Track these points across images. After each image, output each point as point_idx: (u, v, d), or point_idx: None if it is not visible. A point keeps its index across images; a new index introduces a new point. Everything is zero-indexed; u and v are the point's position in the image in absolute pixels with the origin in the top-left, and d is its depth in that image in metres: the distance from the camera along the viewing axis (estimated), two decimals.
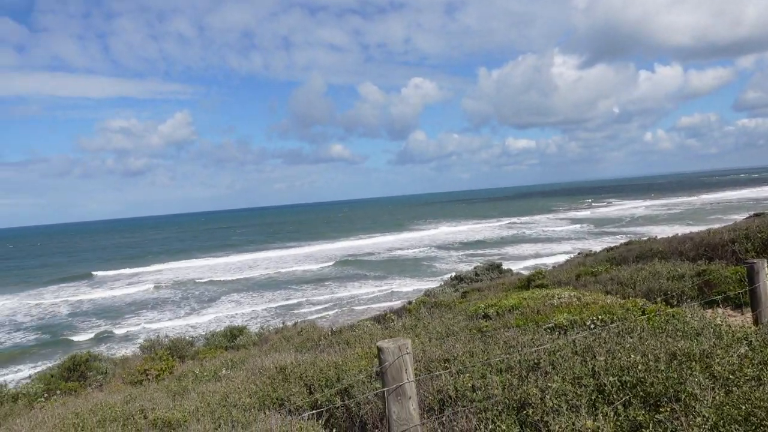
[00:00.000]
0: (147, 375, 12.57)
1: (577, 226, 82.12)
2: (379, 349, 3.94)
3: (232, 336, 16.57)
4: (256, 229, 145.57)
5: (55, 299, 51.03)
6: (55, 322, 40.90)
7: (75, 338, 34.46)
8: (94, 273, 67.70)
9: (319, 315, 27.89)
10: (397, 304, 24.45)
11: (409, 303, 13.66)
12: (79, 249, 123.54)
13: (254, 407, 6.07)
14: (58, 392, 12.76)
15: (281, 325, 17.38)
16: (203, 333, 18.95)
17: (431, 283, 34.29)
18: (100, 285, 58.93)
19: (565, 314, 7.45)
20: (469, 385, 4.82)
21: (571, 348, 5.30)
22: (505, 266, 28.21)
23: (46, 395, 11.89)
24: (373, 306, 32.49)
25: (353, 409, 5.70)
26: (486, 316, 8.45)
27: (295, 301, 40.34)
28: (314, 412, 5.22)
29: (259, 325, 20.76)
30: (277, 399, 6.37)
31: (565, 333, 6.46)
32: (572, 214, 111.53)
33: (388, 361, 3.87)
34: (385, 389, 3.92)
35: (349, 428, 5.41)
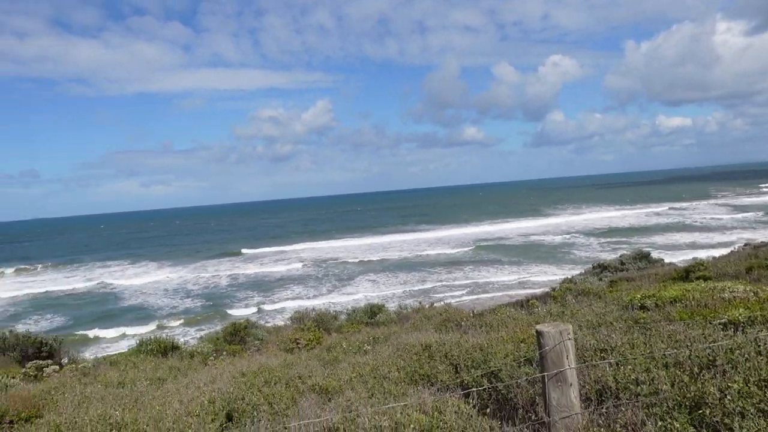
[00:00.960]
0: (297, 344, 13.60)
1: (743, 214, 72.70)
2: (539, 333, 3.85)
3: (372, 313, 17.28)
4: (391, 212, 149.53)
5: (216, 272, 57.16)
6: (216, 291, 45.91)
7: (233, 306, 38.45)
8: (243, 251, 74.48)
9: (455, 298, 28.04)
10: (537, 290, 23.70)
11: (553, 290, 13.16)
12: (234, 228, 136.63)
13: (403, 381, 6.29)
14: (224, 353, 14.31)
15: (419, 306, 17.77)
16: (346, 308, 20.02)
17: (570, 271, 32.66)
18: (251, 261, 64.74)
19: (741, 309, 6.66)
20: (632, 377, 4.53)
21: (754, 347, 4.73)
22: (654, 256, 25.95)
23: (215, 355, 13.43)
24: (511, 292, 31.84)
25: (502, 391, 5.66)
26: (643, 307, 7.85)
27: (430, 283, 40.92)
28: (464, 392, 5.26)
29: (396, 304, 21.44)
30: (424, 375, 6.53)
31: (742, 330, 5.78)
32: (737, 200, 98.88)
33: (548, 346, 3.76)
34: (544, 374, 3.82)
35: (498, 410, 5.38)
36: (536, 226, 79.63)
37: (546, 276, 38.54)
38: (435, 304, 17.73)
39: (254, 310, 36.13)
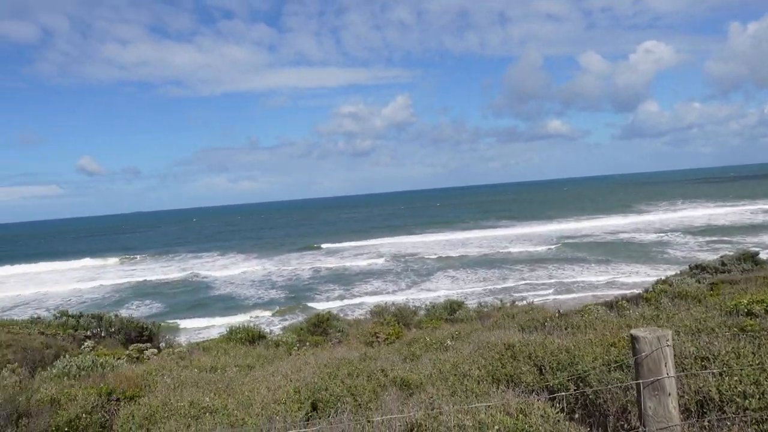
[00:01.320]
0: (377, 337, 13.77)
1: None
2: (634, 338, 3.64)
3: (452, 309, 17.16)
4: (470, 208, 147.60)
5: (299, 265, 59.15)
6: (299, 283, 47.51)
7: (315, 298, 39.63)
8: (324, 245, 76.38)
9: (538, 297, 27.25)
10: (627, 291, 22.50)
11: (645, 291, 12.43)
12: (315, 222, 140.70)
13: (485, 380, 6.19)
14: (307, 343, 14.78)
15: (500, 303, 17.44)
16: (424, 304, 20.03)
17: (664, 272, 30.70)
18: (332, 254, 66.34)
19: None
20: (739, 389, 4.18)
21: None
22: (762, 257, 23.77)
23: (298, 345, 13.92)
24: (598, 293, 30.45)
25: (590, 397, 5.42)
26: (750, 314, 7.21)
27: (511, 281, 40.04)
28: (550, 395, 5.08)
29: (476, 301, 21.17)
30: (506, 375, 6.39)
31: None
32: None
33: (644, 352, 3.55)
34: (639, 381, 3.61)
35: (586, 416, 5.16)
36: (626, 223, 75.52)
37: (637, 277, 36.51)
38: (517, 303, 17.31)
39: (335, 302, 37.02)
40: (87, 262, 78.05)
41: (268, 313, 35.15)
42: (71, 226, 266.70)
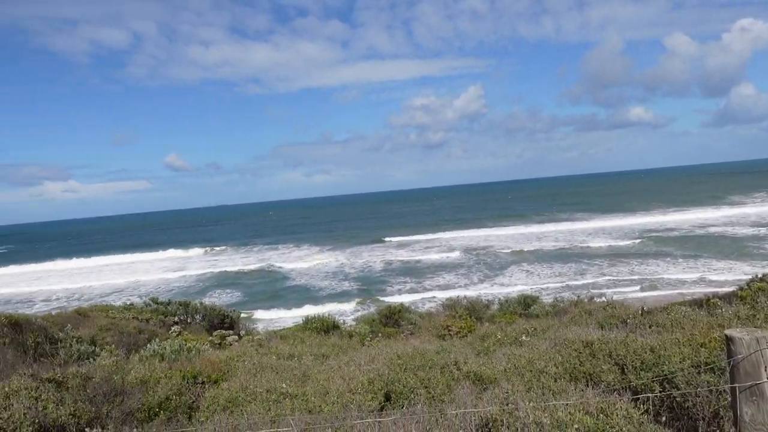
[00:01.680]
0: (449, 331, 13.71)
1: None
2: (729, 339, 3.40)
3: (526, 304, 16.77)
4: (545, 200, 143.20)
5: (370, 257, 59.90)
6: (371, 275, 48.15)
7: (386, 290, 40.02)
8: (396, 237, 76.75)
9: (619, 294, 26.03)
10: (718, 289, 21.05)
11: (740, 289, 11.56)
12: (387, 215, 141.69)
13: (562, 377, 6.01)
14: (379, 335, 14.96)
15: (577, 299, 16.82)
16: (497, 298, 19.69)
17: (762, 269, 28.39)
18: (403, 247, 66.62)
19: None
20: None
21: None
22: None
23: (371, 336, 14.13)
24: (685, 290, 28.68)
25: (677, 399, 5.13)
26: None
27: (589, 276, 38.54)
28: (633, 396, 4.85)
29: (551, 296, 20.55)
30: (585, 373, 6.17)
31: None
32: None
33: (740, 354, 3.31)
34: (734, 386, 3.37)
35: (673, 420, 4.89)
36: (718, 216, 70.47)
37: (730, 274, 34.03)
38: (595, 299, 16.63)
39: (407, 295, 37.21)
40: (174, 252, 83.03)
41: (341, 305, 35.90)
42: (159, 219, 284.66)
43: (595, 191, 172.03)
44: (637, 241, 53.63)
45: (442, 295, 32.29)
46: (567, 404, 4.45)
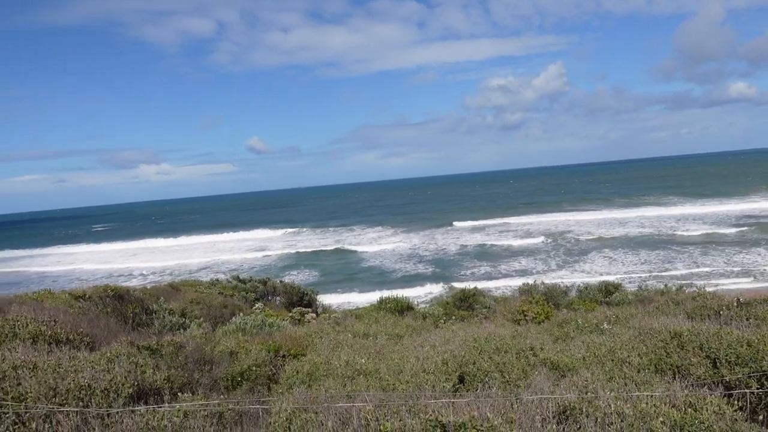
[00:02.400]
0: (525, 316, 13.43)
1: None
2: None
3: (607, 292, 16.10)
4: (630, 183, 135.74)
5: (444, 240, 59.65)
6: (445, 258, 48.02)
7: (460, 274, 39.80)
8: (470, 221, 75.77)
9: (711, 285, 24.35)
10: None
11: None
12: (463, 197, 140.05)
13: (646, 368, 5.74)
14: (453, 317, 14.94)
15: (663, 288, 15.92)
16: (577, 285, 19.02)
17: None
18: (478, 231, 65.74)
19: None
20: None
21: None
22: None
23: (444, 318, 14.13)
24: None
25: None
26: None
27: (679, 264, 36.32)
28: (728, 392, 4.55)
29: (635, 284, 19.56)
30: (672, 365, 5.86)
31: None
32: None
33: None
34: None
35: None
36: None
37: None
38: (684, 288, 15.67)
39: (481, 279, 36.84)
40: (255, 233, 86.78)
41: (414, 287, 36.13)
42: (242, 200, 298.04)
43: (687, 174, 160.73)
44: (734, 228, 49.78)
45: (518, 280, 31.68)
46: (651, 396, 4.25)
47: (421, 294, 32.66)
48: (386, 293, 20.48)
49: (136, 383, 5.06)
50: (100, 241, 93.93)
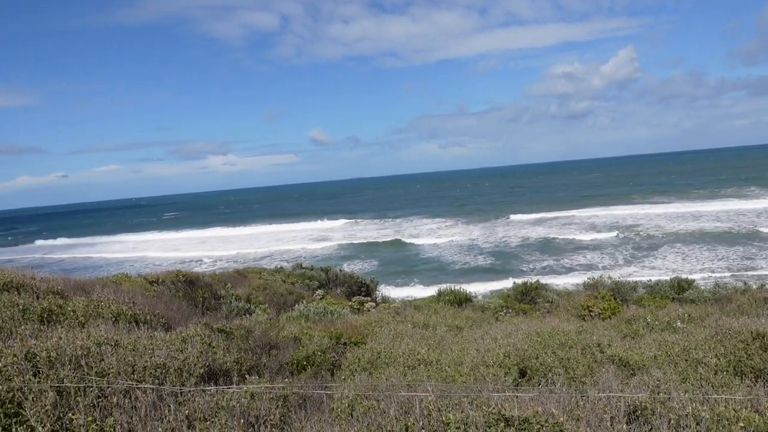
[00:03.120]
0: (590, 311, 13.01)
1: None
2: None
3: (680, 288, 15.32)
4: (707, 175, 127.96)
5: (505, 232, 58.59)
6: (505, 251, 47.19)
7: (521, 267, 39.01)
8: (533, 213, 73.93)
9: None
10: None
11: None
12: (525, 189, 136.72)
13: (724, 370, 5.43)
14: (512, 311, 14.69)
15: (744, 286, 14.96)
16: (647, 280, 18.20)
17: None
18: (540, 224, 64.05)
19: None
20: None
21: None
22: None
23: (505, 311, 13.91)
24: None
25: None
26: None
27: (761, 261, 34.01)
28: None
29: (711, 282, 18.47)
30: (753, 368, 5.51)
31: None
32: None
33: None
34: None
35: None
36: None
37: None
38: (767, 286, 14.67)
39: (543, 272, 35.97)
40: (315, 224, 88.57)
41: (473, 279, 35.76)
42: (303, 191, 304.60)
43: None
44: None
45: (582, 275, 30.69)
46: (731, 399, 4.01)
47: (480, 286, 32.30)
48: (445, 285, 20.40)
49: (206, 364, 5.30)
50: (170, 229, 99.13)
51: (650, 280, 17.85)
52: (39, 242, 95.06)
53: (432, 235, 61.89)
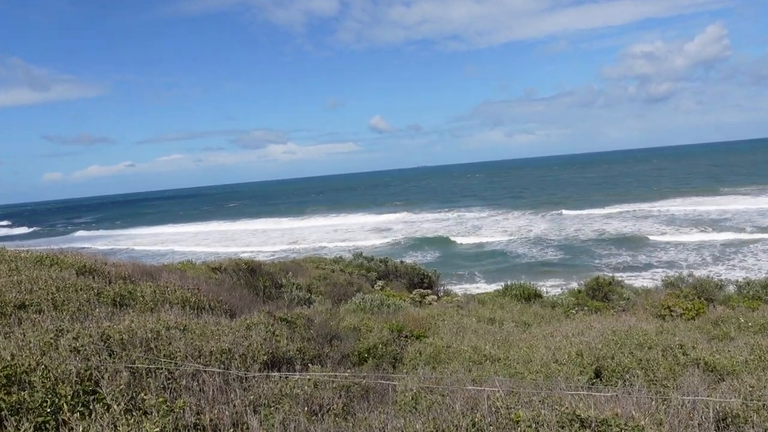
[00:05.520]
0: (671, 311, 12.22)
1: None
2: None
3: None
4: None
5: (577, 225, 56.39)
6: (576, 244, 45.44)
7: (593, 262, 37.45)
8: (606, 206, 70.66)
9: None
10: None
11: None
12: (599, 179, 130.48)
13: None
14: (585, 308, 14.04)
15: None
16: (735, 279, 16.86)
17: None
18: (615, 216, 61.12)
19: None
20: None
21: None
22: None
23: (576, 308, 13.32)
24: None
25: None
26: None
27: None
28: None
29: None
30: None
31: None
32: None
33: None
34: None
35: None
36: None
37: None
38: None
39: (618, 268, 34.35)
40: (375, 216, 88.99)
41: (540, 273, 34.71)
42: (363, 179, 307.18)
43: None
44: None
45: (661, 272, 29.06)
46: None
47: (548, 281, 31.29)
48: (511, 279, 19.85)
49: (270, 351, 5.34)
50: (230, 219, 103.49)
51: (739, 280, 16.51)
52: (122, 231, 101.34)
53: (496, 226, 60.65)
